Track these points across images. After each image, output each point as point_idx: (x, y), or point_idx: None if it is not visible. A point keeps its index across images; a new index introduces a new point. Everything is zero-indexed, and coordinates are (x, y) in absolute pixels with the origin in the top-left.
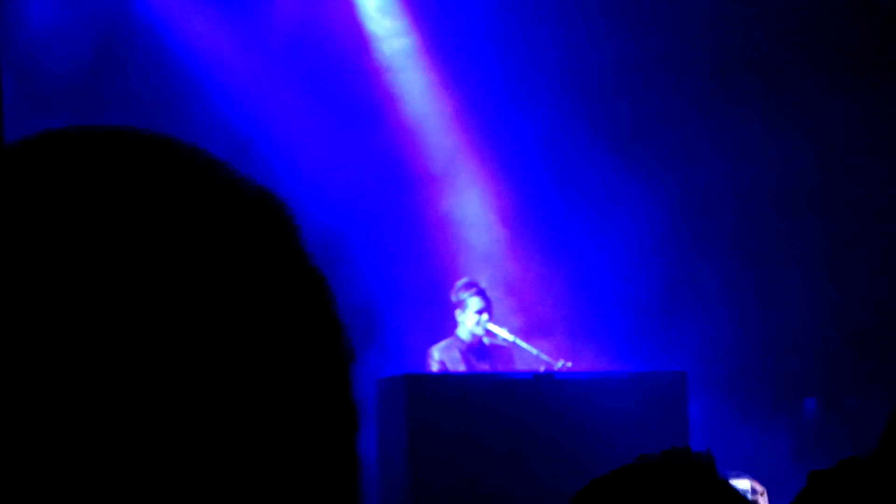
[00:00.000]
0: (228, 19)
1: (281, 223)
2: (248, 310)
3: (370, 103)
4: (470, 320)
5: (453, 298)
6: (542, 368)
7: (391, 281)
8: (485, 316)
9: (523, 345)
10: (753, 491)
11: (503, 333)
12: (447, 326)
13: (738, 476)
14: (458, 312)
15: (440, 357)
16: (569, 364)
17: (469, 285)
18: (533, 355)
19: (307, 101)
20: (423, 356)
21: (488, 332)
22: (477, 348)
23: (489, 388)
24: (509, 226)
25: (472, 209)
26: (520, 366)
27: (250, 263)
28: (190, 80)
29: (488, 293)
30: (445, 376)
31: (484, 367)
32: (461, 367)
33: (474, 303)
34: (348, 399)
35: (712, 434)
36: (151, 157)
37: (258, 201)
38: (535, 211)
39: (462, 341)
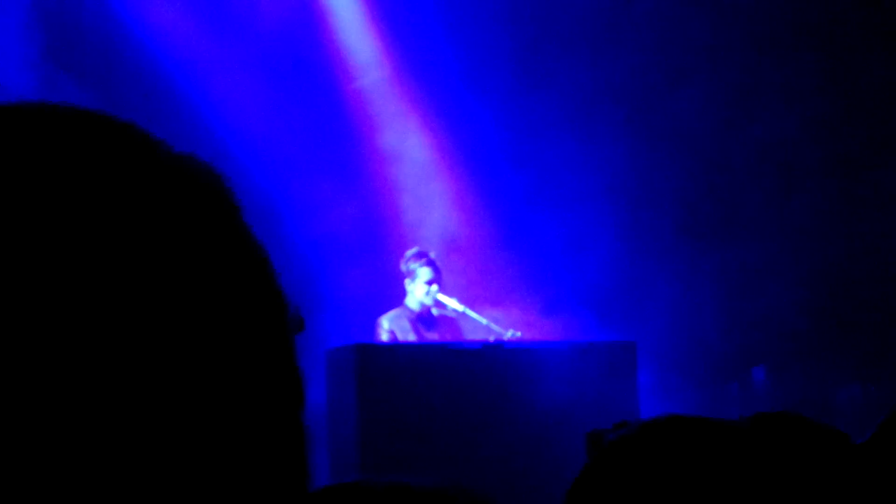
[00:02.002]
0: None
1: (220, 198)
2: (188, 283)
3: (321, 72)
4: (419, 290)
5: (403, 268)
6: (491, 338)
7: (341, 250)
8: (434, 286)
9: (473, 315)
10: None
11: (452, 304)
12: (396, 296)
13: None
14: (407, 282)
15: (390, 326)
16: (518, 334)
17: (419, 255)
18: (482, 325)
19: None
20: (373, 326)
21: (437, 303)
22: (426, 318)
23: (438, 357)
24: (460, 197)
25: (423, 180)
26: (469, 336)
27: (189, 237)
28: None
29: (438, 263)
30: (395, 346)
31: (433, 336)
32: (411, 337)
33: (424, 273)
34: (293, 371)
35: (662, 403)
36: (88, 133)
37: (197, 176)
38: (488, 183)
39: (411, 311)
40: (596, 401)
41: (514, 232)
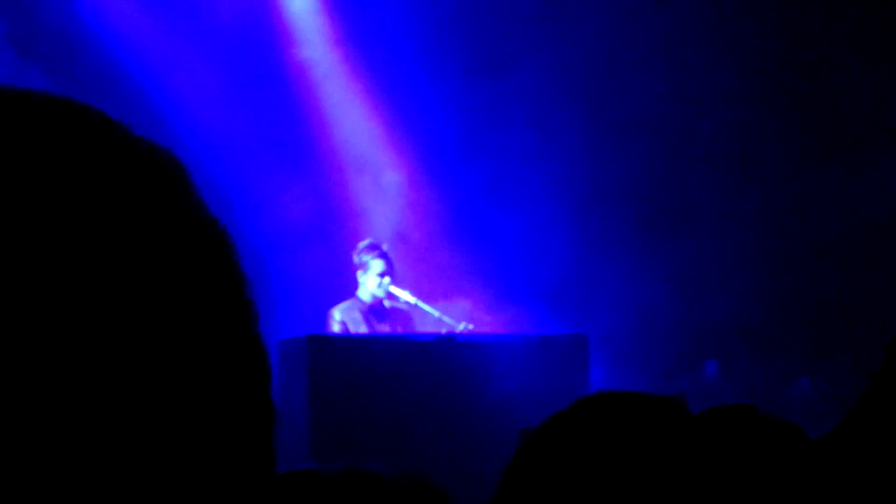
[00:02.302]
0: None
1: (179, 180)
2: (145, 261)
3: (272, 61)
4: (371, 282)
5: (355, 260)
6: (443, 331)
7: (292, 241)
8: (387, 279)
9: (425, 307)
10: None
11: (405, 296)
12: (348, 287)
13: None
14: (359, 274)
15: (341, 318)
16: (470, 326)
17: (372, 247)
18: (435, 318)
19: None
20: (324, 317)
21: (389, 295)
22: (378, 310)
23: (390, 349)
24: (413, 188)
25: (376, 170)
26: (421, 328)
27: (147, 217)
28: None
29: (390, 256)
30: (347, 338)
31: (385, 328)
32: (362, 329)
33: (376, 265)
34: (256, 349)
35: None
36: (44, 114)
37: (156, 159)
38: (441, 174)
39: (363, 303)
40: (548, 394)
41: (466, 224)
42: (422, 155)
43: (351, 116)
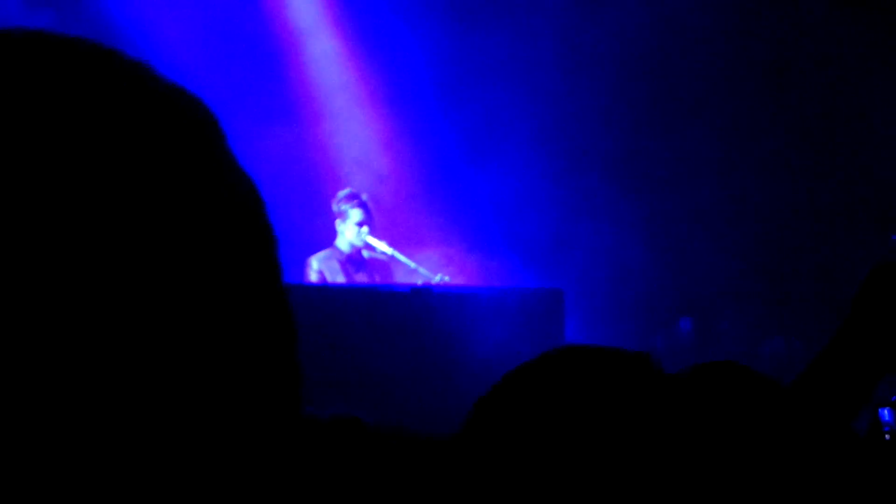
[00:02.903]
0: None
1: (208, 127)
2: (174, 213)
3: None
4: (350, 231)
5: (334, 208)
6: (419, 282)
7: (269, 189)
8: (365, 228)
9: (402, 258)
10: None
11: (382, 246)
12: (325, 236)
13: None
14: (338, 223)
15: (319, 267)
16: (446, 278)
17: (351, 196)
18: (411, 269)
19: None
20: (302, 265)
21: (367, 245)
22: (356, 260)
23: (366, 300)
24: (392, 137)
25: (354, 117)
26: (398, 279)
27: (176, 165)
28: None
29: (370, 206)
30: (322, 287)
31: (362, 279)
32: (340, 278)
33: (355, 214)
34: (283, 308)
35: None
36: (72, 59)
37: (185, 105)
38: (419, 124)
39: (341, 252)
40: (523, 347)
41: (445, 176)
42: (401, 106)
43: (330, 66)
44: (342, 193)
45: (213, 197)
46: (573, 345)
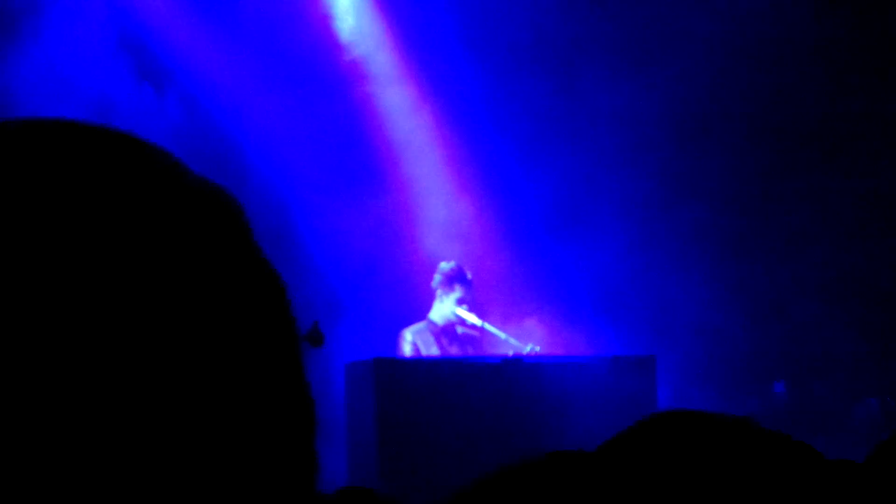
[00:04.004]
0: None
1: (236, 220)
2: (200, 300)
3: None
4: (448, 307)
5: (438, 280)
6: (510, 353)
7: (359, 261)
8: (464, 306)
9: (492, 329)
10: None
11: (472, 318)
12: (417, 307)
13: None
14: (438, 294)
15: (413, 339)
16: (537, 348)
17: (459, 274)
18: (501, 340)
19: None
20: (394, 337)
21: (460, 319)
22: (450, 332)
23: (457, 372)
24: (477, 206)
25: (440, 192)
26: (490, 351)
27: (204, 256)
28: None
29: (471, 282)
30: (413, 360)
31: (455, 351)
32: (434, 351)
33: (459, 291)
34: (303, 393)
35: None
36: (103, 152)
37: (215, 199)
38: (506, 193)
39: (435, 324)
40: (616, 415)
41: (532, 244)
42: (487, 171)
43: (413, 130)
44: (446, 267)
45: (240, 284)
46: (675, 410)
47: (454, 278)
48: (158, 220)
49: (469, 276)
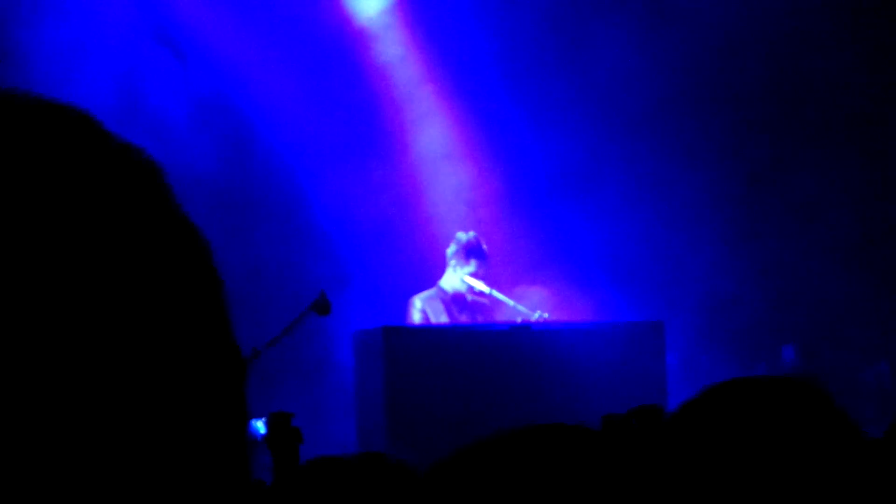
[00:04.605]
0: None
1: (150, 176)
2: (115, 254)
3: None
4: (458, 277)
5: (454, 250)
6: (518, 320)
7: (368, 230)
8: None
9: (500, 297)
10: None
11: (481, 286)
12: (425, 275)
13: None
14: (452, 263)
15: (423, 306)
16: (546, 315)
17: (477, 248)
18: (510, 307)
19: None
20: (402, 305)
21: (468, 286)
22: (459, 300)
23: (465, 339)
24: (488, 176)
25: (450, 160)
26: (499, 319)
27: (122, 213)
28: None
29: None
30: (421, 328)
31: (465, 319)
32: (443, 318)
33: (475, 265)
34: (228, 349)
35: (691, 384)
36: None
37: (125, 153)
38: (516, 161)
39: (445, 292)
40: (624, 381)
41: (541, 211)
42: (499, 140)
43: (426, 102)
44: (464, 238)
45: (155, 238)
46: (739, 378)
47: (471, 252)
48: (69, 177)
49: (486, 248)
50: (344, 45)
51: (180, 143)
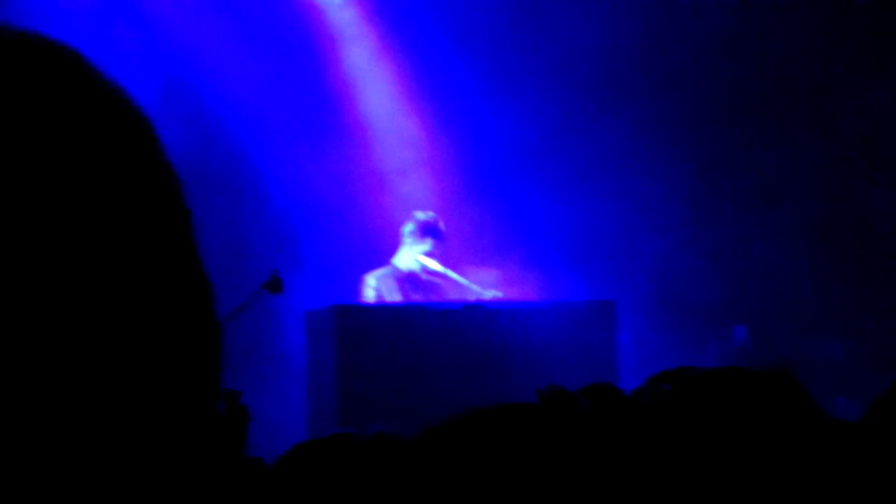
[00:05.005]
0: None
1: (136, 121)
2: (93, 184)
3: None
4: (412, 255)
5: (412, 228)
6: (472, 299)
7: (321, 208)
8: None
9: (455, 276)
10: None
11: (435, 265)
12: (378, 254)
13: None
14: (407, 242)
15: (376, 284)
16: (499, 294)
17: (434, 228)
18: (463, 286)
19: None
20: (356, 284)
21: (422, 265)
22: (413, 279)
23: (418, 318)
24: (440, 155)
25: (403, 140)
26: (452, 298)
27: (99, 150)
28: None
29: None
30: (373, 307)
31: (418, 297)
32: (396, 296)
33: (429, 244)
34: (191, 262)
35: (642, 363)
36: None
37: (118, 100)
38: (468, 141)
39: (399, 270)
40: (576, 359)
41: (494, 192)
42: (451, 120)
43: (381, 87)
44: (422, 217)
45: (137, 177)
46: (717, 369)
47: (427, 231)
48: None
49: (443, 228)
50: (298, 25)
51: None
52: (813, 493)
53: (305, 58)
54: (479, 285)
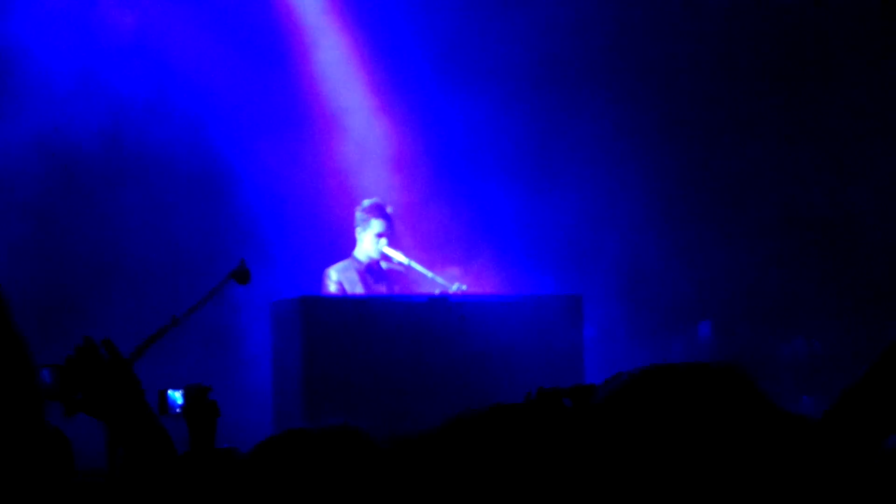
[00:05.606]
0: None
1: None
2: None
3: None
4: (368, 242)
5: (358, 216)
6: (437, 291)
7: (287, 203)
8: (383, 240)
9: (419, 268)
10: None
11: (399, 256)
12: (343, 248)
13: None
14: (358, 231)
15: (338, 278)
16: (464, 287)
17: (376, 207)
18: (429, 279)
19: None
20: (320, 277)
21: (384, 256)
22: (375, 270)
23: (384, 310)
24: (405, 152)
25: (370, 133)
26: (416, 289)
27: None
28: None
29: (392, 217)
30: (340, 298)
31: (381, 289)
32: (359, 289)
33: (376, 225)
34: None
35: (608, 357)
36: None
37: None
38: (434, 136)
39: (360, 262)
40: (541, 354)
41: (460, 185)
42: (416, 114)
43: (349, 82)
44: (367, 203)
45: None
46: (661, 364)
47: (372, 211)
48: None
49: (389, 210)
50: (266, 21)
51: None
52: (758, 480)
53: (273, 53)
54: (446, 279)
